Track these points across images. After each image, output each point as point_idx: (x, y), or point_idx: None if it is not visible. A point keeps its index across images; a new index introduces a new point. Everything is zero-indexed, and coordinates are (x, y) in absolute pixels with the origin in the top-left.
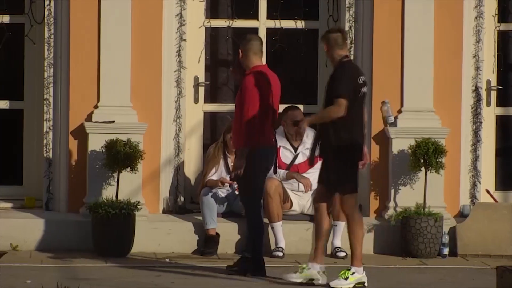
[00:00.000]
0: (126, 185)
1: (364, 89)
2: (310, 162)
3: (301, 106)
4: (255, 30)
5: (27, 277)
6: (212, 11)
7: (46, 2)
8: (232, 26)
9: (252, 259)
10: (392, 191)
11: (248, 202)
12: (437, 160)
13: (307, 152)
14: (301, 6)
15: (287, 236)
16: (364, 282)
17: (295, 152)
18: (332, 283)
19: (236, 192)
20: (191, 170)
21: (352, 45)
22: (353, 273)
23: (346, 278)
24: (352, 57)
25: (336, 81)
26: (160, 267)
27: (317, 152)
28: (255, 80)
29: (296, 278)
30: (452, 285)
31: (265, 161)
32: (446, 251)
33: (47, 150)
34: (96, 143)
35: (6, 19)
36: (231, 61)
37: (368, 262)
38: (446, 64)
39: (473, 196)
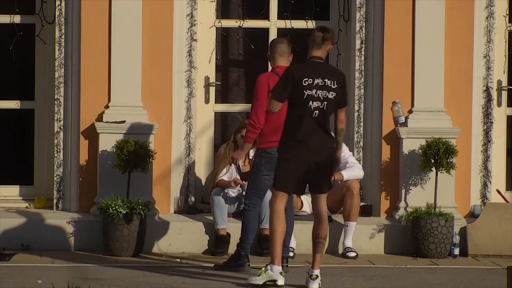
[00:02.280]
0: (137, 185)
1: (310, 92)
2: None
3: None
4: (266, 31)
5: (38, 277)
6: (223, 11)
7: (57, 2)
8: (243, 26)
9: (236, 254)
10: (403, 191)
11: (248, 198)
12: (448, 160)
13: None
14: (312, 6)
15: (298, 237)
16: (276, 281)
17: None
18: (249, 279)
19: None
20: (201, 170)
21: (363, 45)
22: (267, 270)
23: (259, 275)
24: (362, 57)
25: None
26: (170, 267)
27: None
28: (265, 80)
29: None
30: (462, 285)
31: (270, 162)
32: (456, 251)
33: (58, 150)
34: (107, 143)
35: (17, 19)
36: (242, 61)
37: (379, 262)
38: (457, 64)
39: (483, 196)
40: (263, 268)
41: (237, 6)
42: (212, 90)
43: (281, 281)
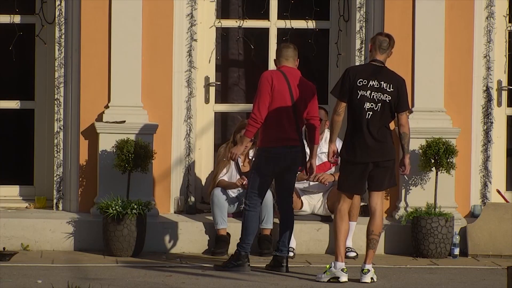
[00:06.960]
0: (137, 185)
1: (364, 92)
2: None
3: None
4: (266, 31)
5: (38, 277)
6: (223, 11)
7: (57, 2)
8: (242, 26)
9: (236, 254)
10: (403, 191)
11: (247, 197)
12: (448, 160)
13: (323, 156)
14: (311, 6)
15: (298, 237)
16: (338, 278)
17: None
18: (316, 276)
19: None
20: (201, 170)
21: (363, 45)
22: (330, 267)
23: (324, 272)
24: (362, 57)
25: None
26: (170, 267)
27: None
28: (269, 75)
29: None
30: (462, 285)
31: (270, 161)
32: (456, 251)
33: (58, 150)
34: (107, 143)
35: (17, 19)
36: (242, 61)
37: (379, 262)
38: (457, 64)
39: (484, 196)
40: (327, 266)
41: (237, 6)
42: (212, 90)
43: (343, 278)
